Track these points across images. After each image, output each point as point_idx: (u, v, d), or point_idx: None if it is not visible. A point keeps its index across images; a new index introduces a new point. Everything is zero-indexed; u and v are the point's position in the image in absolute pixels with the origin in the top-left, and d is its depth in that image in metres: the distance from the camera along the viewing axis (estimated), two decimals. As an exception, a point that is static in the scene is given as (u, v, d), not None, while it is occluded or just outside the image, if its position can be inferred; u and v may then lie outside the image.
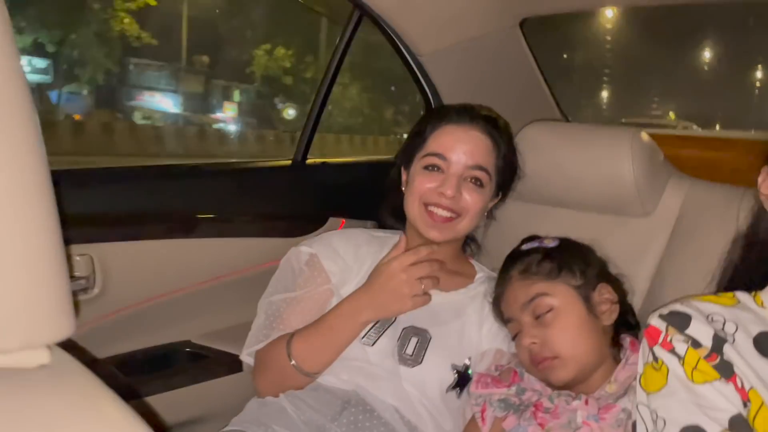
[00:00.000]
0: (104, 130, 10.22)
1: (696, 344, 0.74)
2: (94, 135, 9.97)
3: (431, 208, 1.19)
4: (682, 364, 0.73)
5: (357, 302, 1.13)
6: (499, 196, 1.29)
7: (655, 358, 0.76)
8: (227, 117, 13.60)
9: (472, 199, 1.19)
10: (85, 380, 0.40)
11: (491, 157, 1.22)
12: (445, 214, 1.18)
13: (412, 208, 1.21)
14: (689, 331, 0.75)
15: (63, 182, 1.28)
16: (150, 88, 12.02)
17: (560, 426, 0.99)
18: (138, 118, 11.59)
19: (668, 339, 0.75)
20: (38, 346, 0.39)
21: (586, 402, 0.99)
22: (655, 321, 0.78)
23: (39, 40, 10.43)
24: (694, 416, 0.70)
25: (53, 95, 10.88)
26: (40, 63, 10.78)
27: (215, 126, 12.92)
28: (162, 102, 11.97)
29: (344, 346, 1.13)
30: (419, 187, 1.20)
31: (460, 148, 1.19)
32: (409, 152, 1.26)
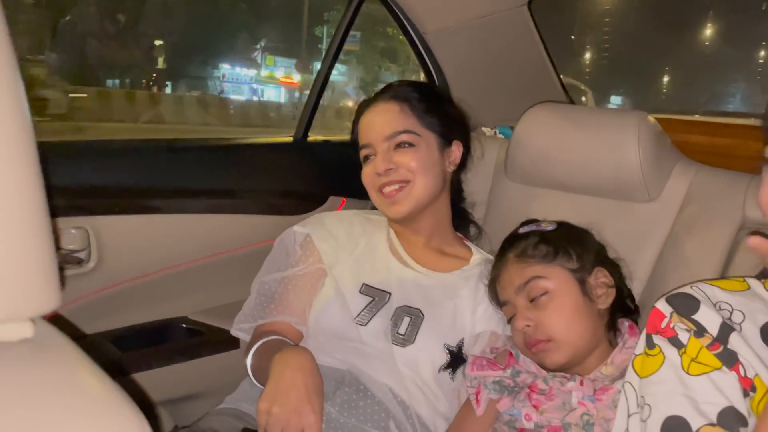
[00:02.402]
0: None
1: (699, 333, 0.72)
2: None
3: (383, 190, 1.20)
4: (682, 354, 0.72)
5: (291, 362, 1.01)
6: (453, 146, 1.26)
7: (651, 345, 0.75)
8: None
9: (408, 160, 1.19)
10: (68, 355, 0.39)
11: (408, 118, 1.21)
12: (394, 187, 1.20)
13: (373, 198, 1.24)
14: (697, 316, 0.73)
15: (61, 154, 1.28)
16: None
17: (555, 408, 0.99)
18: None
19: (671, 325, 0.74)
20: (21, 319, 0.38)
21: (581, 383, 0.99)
22: (660, 304, 0.76)
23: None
24: (679, 407, 0.70)
25: (348, 90, 16.86)
26: (341, 68, 16.88)
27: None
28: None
29: None
30: (366, 179, 1.24)
31: (374, 127, 1.22)
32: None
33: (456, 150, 1.27)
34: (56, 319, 0.37)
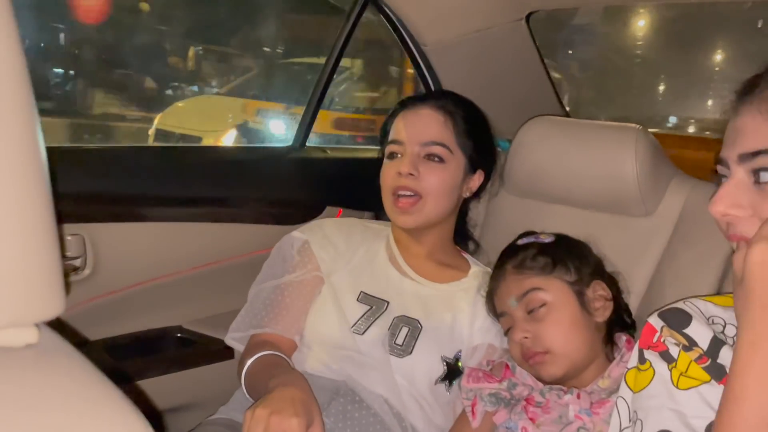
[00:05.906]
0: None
1: (688, 347, 0.73)
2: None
3: (398, 194, 1.19)
4: (672, 368, 0.73)
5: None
6: (476, 173, 1.27)
7: (642, 360, 0.76)
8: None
9: (433, 177, 1.19)
10: (73, 361, 0.39)
11: (447, 132, 1.21)
12: (407, 194, 1.18)
13: (385, 199, 1.22)
14: (688, 330, 0.74)
15: (58, 160, 1.27)
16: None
17: (551, 421, 0.99)
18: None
19: (662, 339, 0.75)
20: (26, 325, 0.38)
21: (578, 396, 0.99)
22: (652, 319, 0.77)
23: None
24: (668, 422, 0.71)
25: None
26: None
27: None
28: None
29: None
30: (385, 176, 1.22)
31: (412, 128, 1.21)
32: (381, 148, 1.28)
33: (477, 178, 1.27)
34: (55, 324, 0.37)
